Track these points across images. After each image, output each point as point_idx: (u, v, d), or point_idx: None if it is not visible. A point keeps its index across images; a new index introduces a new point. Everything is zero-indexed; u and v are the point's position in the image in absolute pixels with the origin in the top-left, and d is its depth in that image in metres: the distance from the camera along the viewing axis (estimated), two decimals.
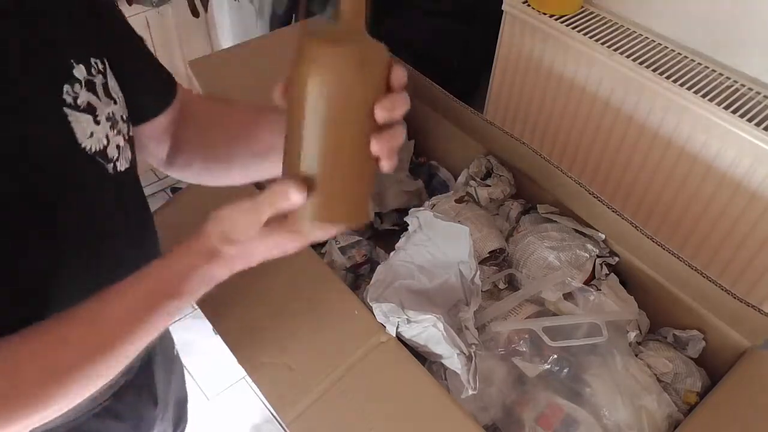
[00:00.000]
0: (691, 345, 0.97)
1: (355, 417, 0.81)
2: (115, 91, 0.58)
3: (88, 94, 0.54)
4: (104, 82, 0.57)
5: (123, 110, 0.60)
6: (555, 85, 1.43)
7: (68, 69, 0.53)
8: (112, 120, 0.57)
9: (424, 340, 0.88)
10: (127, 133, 0.61)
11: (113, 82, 0.58)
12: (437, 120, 1.29)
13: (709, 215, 1.26)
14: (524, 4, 1.41)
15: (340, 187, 0.48)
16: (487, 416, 0.88)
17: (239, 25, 1.88)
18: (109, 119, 0.57)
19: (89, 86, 0.54)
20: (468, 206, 1.12)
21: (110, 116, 0.57)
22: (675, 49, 1.29)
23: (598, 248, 1.04)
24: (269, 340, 0.88)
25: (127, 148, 0.61)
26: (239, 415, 1.60)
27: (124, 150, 0.60)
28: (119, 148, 0.59)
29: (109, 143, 0.57)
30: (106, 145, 0.56)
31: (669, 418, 0.88)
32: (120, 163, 0.59)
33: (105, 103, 0.56)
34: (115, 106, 0.58)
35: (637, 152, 1.34)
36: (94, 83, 0.55)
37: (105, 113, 0.56)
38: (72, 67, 0.53)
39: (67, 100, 0.52)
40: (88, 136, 0.54)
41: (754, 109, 1.15)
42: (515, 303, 0.98)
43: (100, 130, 0.55)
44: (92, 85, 0.55)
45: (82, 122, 0.54)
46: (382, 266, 0.99)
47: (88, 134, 0.54)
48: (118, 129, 0.58)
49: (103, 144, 0.56)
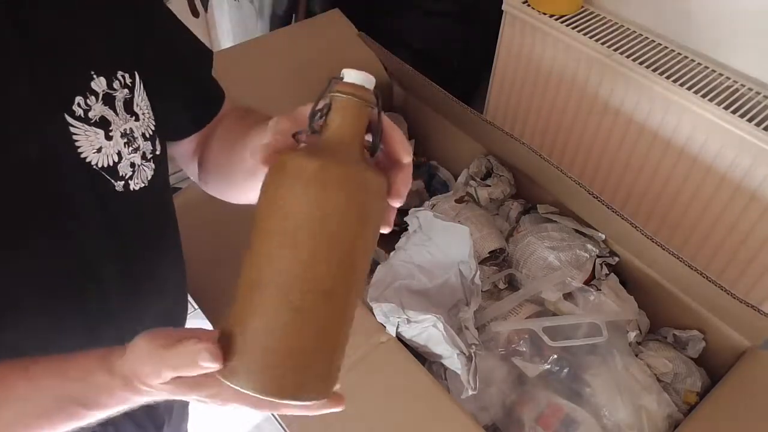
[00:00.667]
0: (691, 345, 0.97)
1: (355, 417, 0.81)
2: (141, 107, 0.57)
3: (104, 108, 0.53)
4: (128, 98, 0.56)
5: (147, 128, 0.59)
6: (555, 85, 1.43)
7: (86, 81, 0.52)
8: (129, 137, 0.56)
9: (424, 340, 0.88)
10: (152, 152, 0.60)
11: (141, 98, 0.57)
12: (437, 120, 1.29)
13: (709, 215, 1.26)
14: (524, 4, 1.41)
15: (301, 347, 0.38)
16: (487, 416, 0.88)
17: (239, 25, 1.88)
18: (125, 135, 0.56)
19: (107, 100, 0.54)
20: (468, 206, 1.12)
21: (126, 132, 0.56)
22: (675, 49, 1.29)
23: (598, 248, 1.04)
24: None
25: (146, 167, 0.59)
26: (239, 415, 1.60)
27: (141, 169, 0.59)
28: (135, 167, 0.58)
29: (120, 160, 0.56)
30: (116, 162, 0.55)
31: (669, 418, 0.88)
32: (134, 182, 0.58)
33: (123, 119, 0.55)
34: (136, 123, 0.57)
35: (637, 152, 1.34)
36: (113, 97, 0.54)
37: (121, 129, 0.55)
38: (91, 79, 0.52)
39: (77, 113, 0.51)
40: (95, 150, 0.53)
41: (754, 109, 1.15)
42: (515, 303, 0.98)
43: (110, 146, 0.54)
44: (111, 99, 0.54)
45: (90, 136, 0.53)
46: (382, 266, 0.99)
47: (96, 149, 0.53)
48: (136, 146, 0.57)
49: (113, 160, 0.55)
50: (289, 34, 1.37)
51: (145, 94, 0.58)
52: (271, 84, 1.23)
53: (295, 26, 1.57)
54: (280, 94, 1.24)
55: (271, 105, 1.33)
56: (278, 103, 1.27)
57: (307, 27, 1.37)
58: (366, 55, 1.33)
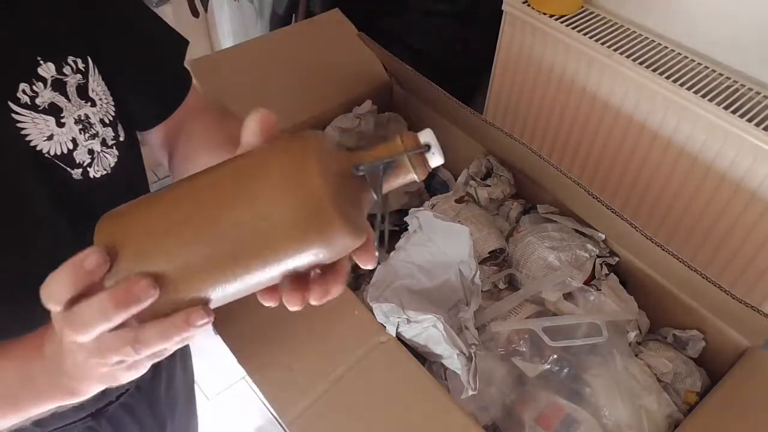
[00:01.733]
0: (691, 345, 0.97)
1: (355, 417, 0.81)
2: (97, 92, 0.56)
3: (54, 94, 0.52)
4: (82, 83, 0.54)
5: (106, 113, 0.57)
6: (555, 85, 1.43)
7: (31, 67, 0.50)
8: (84, 123, 0.54)
9: (424, 340, 0.88)
10: (115, 138, 0.58)
11: (97, 83, 0.56)
12: (437, 120, 1.29)
13: (709, 215, 1.26)
14: (524, 4, 1.41)
15: None
16: (487, 416, 0.88)
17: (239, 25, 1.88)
18: (80, 122, 0.54)
19: (57, 86, 0.52)
20: (468, 206, 1.12)
21: (81, 119, 0.54)
22: (675, 49, 1.29)
23: (598, 248, 1.04)
24: (269, 340, 0.88)
25: (108, 154, 0.57)
26: (239, 415, 1.60)
27: (102, 156, 0.57)
28: (94, 154, 0.56)
29: (76, 147, 0.54)
30: (71, 149, 0.54)
31: (669, 418, 0.88)
32: (94, 169, 0.56)
33: (76, 105, 0.53)
34: (92, 108, 0.55)
35: (637, 152, 1.34)
36: (64, 83, 0.52)
37: (74, 115, 0.53)
38: (37, 65, 0.50)
39: (23, 100, 0.50)
40: (45, 137, 0.52)
41: (754, 109, 1.15)
42: (515, 303, 0.97)
43: (63, 133, 0.53)
44: (62, 84, 0.52)
45: (39, 123, 0.51)
46: (382, 266, 0.99)
47: (46, 136, 0.52)
48: (93, 133, 0.55)
49: (67, 147, 0.53)
50: (289, 34, 1.37)
51: (101, 78, 0.56)
52: (271, 84, 1.23)
53: (295, 26, 1.57)
54: (280, 94, 1.24)
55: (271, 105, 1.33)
56: (278, 103, 1.28)
57: (307, 27, 1.37)
58: (366, 55, 1.33)
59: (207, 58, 1.26)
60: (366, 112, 1.26)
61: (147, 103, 0.64)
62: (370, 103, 1.27)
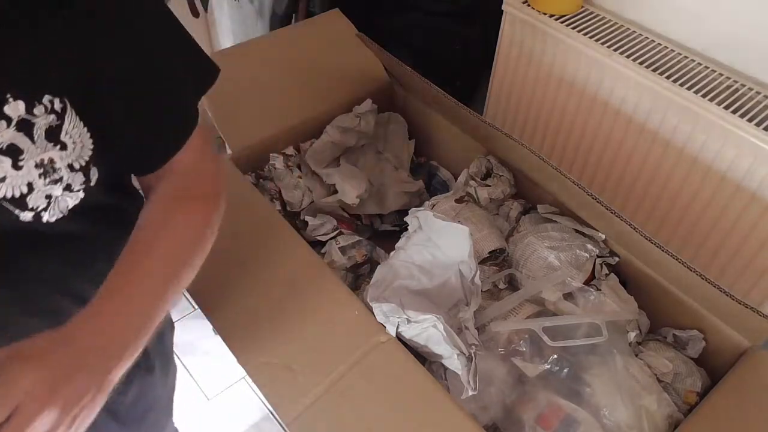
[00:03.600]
0: (691, 345, 0.97)
1: (355, 417, 0.81)
2: (72, 135, 0.51)
3: (16, 135, 0.48)
4: (55, 124, 0.50)
5: (78, 158, 0.52)
6: (555, 85, 1.43)
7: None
8: (47, 167, 0.50)
9: (424, 340, 0.88)
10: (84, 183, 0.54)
11: (74, 125, 0.51)
12: (437, 120, 1.29)
13: (710, 215, 1.26)
14: (524, 4, 1.41)
15: None
16: (487, 416, 0.88)
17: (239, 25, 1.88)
18: (42, 166, 0.50)
19: (22, 126, 0.48)
20: (468, 206, 1.12)
21: (44, 162, 0.50)
22: (675, 49, 1.29)
23: (598, 248, 1.04)
24: (269, 340, 0.88)
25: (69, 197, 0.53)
26: (239, 415, 1.60)
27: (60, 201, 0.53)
28: (51, 199, 0.52)
29: (31, 191, 0.50)
30: (25, 193, 0.50)
31: (669, 418, 0.88)
32: (49, 213, 0.53)
33: (41, 147, 0.49)
34: (61, 152, 0.51)
35: (637, 152, 1.34)
36: (31, 124, 0.48)
37: (37, 159, 0.49)
38: (4, 103, 0.47)
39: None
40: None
41: (754, 109, 1.15)
42: (515, 303, 0.97)
43: (19, 176, 0.49)
44: (28, 125, 0.48)
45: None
46: (382, 266, 0.99)
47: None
48: (56, 178, 0.51)
49: (20, 191, 0.50)
50: (289, 34, 1.37)
51: (78, 120, 0.52)
52: (271, 84, 1.23)
53: (295, 26, 1.57)
54: (280, 94, 1.24)
55: (271, 105, 1.34)
56: (278, 103, 1.28)
57: (307, 27, 1.37)
58: (366, 55, 1.33)
59: None
60: (366, 111, 1.26)
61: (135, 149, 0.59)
62: (370, 102, 1.27)
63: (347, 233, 1.14)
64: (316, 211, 1.17)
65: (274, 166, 1.20)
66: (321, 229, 1.14)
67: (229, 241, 1.00)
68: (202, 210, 0.62)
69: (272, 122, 1.21)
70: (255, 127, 1.19)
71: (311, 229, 1.14)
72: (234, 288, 0.93)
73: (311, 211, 1.17)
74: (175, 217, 0.60)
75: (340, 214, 1.20)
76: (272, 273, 0.95)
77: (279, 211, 1.14)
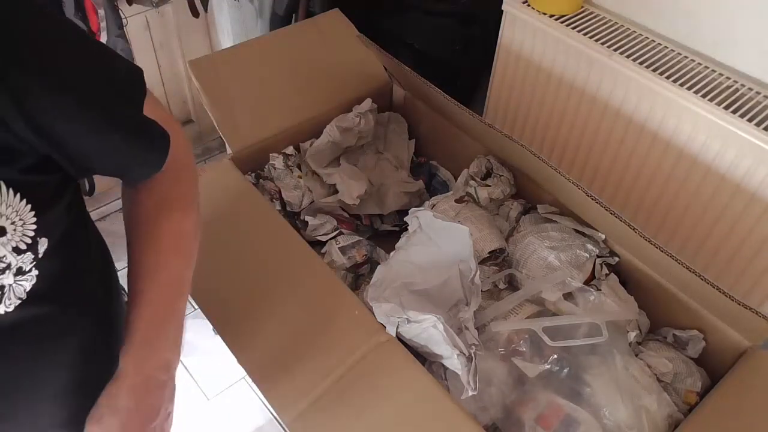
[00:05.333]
0: (691, 345, 0.97)
1: (355, 417, 0.81)
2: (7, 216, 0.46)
3: None
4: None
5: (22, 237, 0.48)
6: (555, 85, 1.43)
7: None
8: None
9: (424, 340, 0.88)
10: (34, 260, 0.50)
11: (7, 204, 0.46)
12: (437, 120, 1.29)
13: (710, 215, 1.26)
14: (524, 4, 1.41)
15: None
16: (487, 416, 0.88)
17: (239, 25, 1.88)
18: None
19: None
20: (468, 206, 1.12)
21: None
22: (675, 49, 1.29)
23: (598, 248, 1.04)
24: (269, 340, 0.88)
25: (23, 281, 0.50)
26: (239, 415, 1.60)
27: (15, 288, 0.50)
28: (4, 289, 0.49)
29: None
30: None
31: (669, 418, 0.88)
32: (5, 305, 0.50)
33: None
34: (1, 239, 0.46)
35: (637, 152, 1.34)
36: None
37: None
38: None
39: None
40: None
41: (754, 109, 1.15)
42: (515, 303, 0.97)
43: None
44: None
45: None
46: (382, 266, 0.99)
47: None
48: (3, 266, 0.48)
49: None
50: (289, 34, 1.37)
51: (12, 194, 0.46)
52: (270, 84, 1.23)
53: (295, 26, 1.57)
54: (280, 94, 1.24)
55: (271, 105, 1.34)
56: (278, 103, 1.28)
57: (307, 27, 1.37)
58: (366, 55, 1.33)
59: (207, 58, 1.26)
60: (366, 110, 1.26)
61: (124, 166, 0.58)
62: (371, 102, 1.27)
63: (347, 233, 1.14)
64: (316, 211, 1.17)
65: (274, 166, 1.20)
66: (321, 229, 1.14)
67: (228, 240, 1.01)
68: (186, 218, 0.64)
69: (272, 122, 1.21)
70: (255, 127, 1.19)
71: (311, 229, 1.14)
72: (234, 289, 0.93)
73: (311, 211, 1.17)
74: (164, 225, 0.61)
75: (340, 214, 1.20)
76: (272, 273, 0.95)
77: (279, 211, 1.14)
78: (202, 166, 1.62)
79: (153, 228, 0.60)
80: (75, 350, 0.60)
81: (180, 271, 0.62)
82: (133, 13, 1.73)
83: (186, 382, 1.65)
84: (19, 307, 0.51)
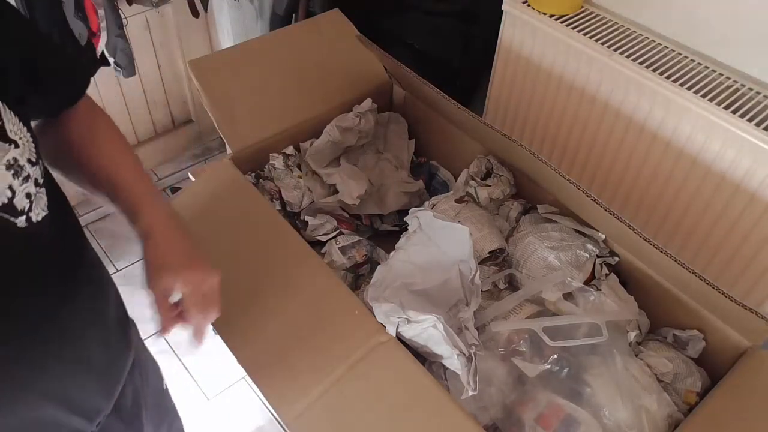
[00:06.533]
0: (691, 345, 0.97)
1: (355, 417, 0.81)
2: (15, 132, 0.52)
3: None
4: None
5: (30, 153, 0.53)
6: (555, 85, 1.43)
7: None
8: (15, 167, 0.51)
9: (424, 340, 0.88)
10: (43, 176, 0.55)
11: (13, 122, 0.52)
12: (437, 120, 1.29)
13: (710, 215, 1.26)
14: (524, 4, 1.41)
15: None
16: (487, 416, 0.88)
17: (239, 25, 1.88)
18: (11, 167, 0.50)
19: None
20: (468, 206, 1.12)
21: (11, 163, 0.51)
22: (675, 49, 1.29)
23: (598, 248, 1.04)
24: (269, 340, 0.88)
25: (41, 194, 0.54)
26: (239, 415, 1.60)
27: (39, 197, 0.54)
28: (31, 197, 0.53)
29: (15, 194, 0.51)
30: (11, 197, 0.50)
31: (669, 418, 0.88)
32: (35, 213, 0.53)
33: (2, 150, 0.50)
34: (17, 150, 0.51)
35: (637, 152, 1.34)
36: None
37: (3, 161, 0.50)
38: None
39: None
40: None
41: (754, 109, 1.15)
42: (515, 303, 0.97)
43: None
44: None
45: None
46: (382, 266, 0.99)
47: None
48: (26, 175, 0.52)
49: (6, 196, 0.50)
50: (289, 34, 1.37)
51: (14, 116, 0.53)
52: (271, 84, 1.23)
53: (295, 26, 1.57)
54: (280, 94, 1.24)
55: (271, 105, 1.33)
56: (278, 103, 1.28)
57: (307, 27, 1.37)
58: (366, 55, 1.33)
59: (207, 58, 1.26)
60: (366, 110, 1.26)
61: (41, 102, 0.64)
62: (371, 101, 1.27)
63: (347, 233, 1.14)
64: (316, 211, 1.17)
65: (274, 166, 1.20)
66: (321, 229, 1.14)
67: (228, 240, 1.01)
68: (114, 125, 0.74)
69: (272, 122, 1.21)
70: (255, 127, 1.19)
71: (311, 229, 1.14)
72: (234, 289, 0.93)
73: (311, 211, 1.17)
74: (102, 126, 0.72)
75: (340, 214, 1.20)
76: (272, 273, 0.95)
77: (279, 211, 1.14)
78: (202, 166, 1.62)
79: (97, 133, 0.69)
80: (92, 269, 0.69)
81: (135, 155, 0.72)
82: (133, 13, 1.73)
83: (186, 382, 1.65)
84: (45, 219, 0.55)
